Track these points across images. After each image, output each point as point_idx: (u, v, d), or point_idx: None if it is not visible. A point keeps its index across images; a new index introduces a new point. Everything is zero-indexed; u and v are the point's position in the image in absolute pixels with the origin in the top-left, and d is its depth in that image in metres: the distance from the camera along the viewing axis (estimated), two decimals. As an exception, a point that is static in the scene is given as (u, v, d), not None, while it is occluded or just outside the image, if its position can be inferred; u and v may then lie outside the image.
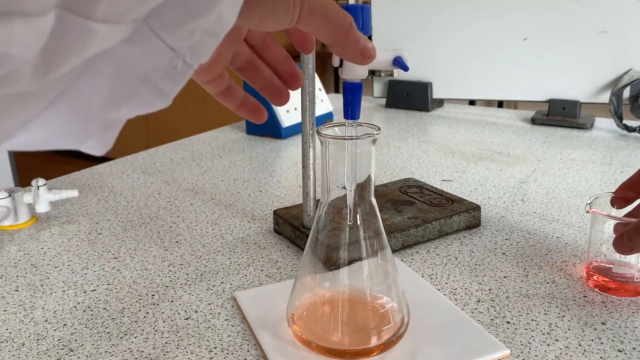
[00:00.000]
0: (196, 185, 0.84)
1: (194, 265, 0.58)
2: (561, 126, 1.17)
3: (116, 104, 0.23)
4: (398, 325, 0.43)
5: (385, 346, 0.42)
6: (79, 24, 0.18)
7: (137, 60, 0.22)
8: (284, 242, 0.64)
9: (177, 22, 0.22)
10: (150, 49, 0.22)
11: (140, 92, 0.23)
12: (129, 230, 0.68)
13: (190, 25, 0.22)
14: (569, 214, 0.71)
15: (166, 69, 0.23)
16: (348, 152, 0.39)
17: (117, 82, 0.23)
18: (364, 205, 0.42)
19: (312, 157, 0.60)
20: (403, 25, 1.27)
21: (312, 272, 0.44)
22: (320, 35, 0.30)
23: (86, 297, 0.53)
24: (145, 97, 0.24)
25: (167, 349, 0.44)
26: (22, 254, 0.62)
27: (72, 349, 0.45)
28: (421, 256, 0.60)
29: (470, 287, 0.53)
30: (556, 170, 0.89)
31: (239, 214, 0.72)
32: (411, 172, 0.86)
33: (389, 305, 0.43)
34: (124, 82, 0.23)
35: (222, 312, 0.50)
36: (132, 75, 0.23)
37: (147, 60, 0.22)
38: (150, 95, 0.24)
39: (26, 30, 0.17)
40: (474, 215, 0.66)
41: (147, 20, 0.21)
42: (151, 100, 0.24)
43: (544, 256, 0.59)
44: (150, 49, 0.22)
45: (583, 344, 0.44)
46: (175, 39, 0.22)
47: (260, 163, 0.96)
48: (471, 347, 0.43)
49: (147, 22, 0.21)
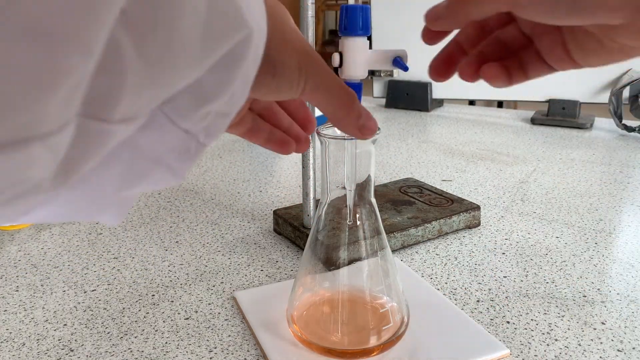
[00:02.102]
0: (196, 185, 0.84)
1: (194, 265, 0.58)
2: (561, 126, 1.17)
3: (130, 184, 0.24)
4: (398, 325, 0.43)
5: (385, 346, 0.42)
6: (98, 128, 0.18)
7: (152, 144, 0.23)
8: (284, 242, 0.64)
9: (191, 108, 0.22)
10: (165, 133, 0.22)
11: (154, 172, 0.24)
12: (129, 230, 0.68)
13: (203, 110, 0.22)
14: (569, 214, 0.71)
15: (179, 151, 0.24)
16: (348, 152, 0.40)
17: (132, 165, 0.23)
18: (364, 205, 0.42)
19: (312, 157, 0.60)
20: (403, 25, 1.27)
21: (312, 272, 0.44)
22: (321, 108, 0.30)
23: (86, 297, 0.53)
24: (159, 177, 0.24)
25: (167, 349, 0.44)
26: (23, 254, 0.62)
27: (72, 349, 0.45)
28: (421, 256, 0.60)
29: (470, 287, 0.53)
30: (556, 170, 0.89)
31: (239, 214, 0.72)
32: (411, 172, 0.86)
33: (388, 305, 0.43)
34: (138, 165, 0.23)
35: (222, 312, 0.50)
36: (146, 158, 0.23)
37: (161, 144, 0.23)
38: (164, 175, 0.24)
39: (44, 152, 0.17)
40: (474, 215, 0.66)
41: (162, 107, 0.22)
42: (164, 179, 0.25)
43: (544, 256, 0.60)
44: (164, 133, 0.22)
45: (583, 344, 0.44)
46: (189, 123, 0.23)
47: (260, 163, 0.96)
48: (471, 347, 0.43)
49: (162, 109, 0.22)
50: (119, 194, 0.24)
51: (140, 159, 0.23)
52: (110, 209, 0.25)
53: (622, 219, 0.70)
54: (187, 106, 0.22)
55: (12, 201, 0.18)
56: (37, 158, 0.17)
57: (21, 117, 0.15)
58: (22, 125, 0.15)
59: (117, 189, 0.24)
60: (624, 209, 0.73)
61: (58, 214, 0.23)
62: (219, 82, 0.22)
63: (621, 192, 0.79)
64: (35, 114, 0.15)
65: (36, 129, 0.16)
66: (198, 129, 0.23)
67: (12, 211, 0.20)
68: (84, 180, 0.22)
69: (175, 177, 0.25)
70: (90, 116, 0.18)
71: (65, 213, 0.23)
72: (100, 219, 0.26)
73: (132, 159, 0.23)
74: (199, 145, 0.24)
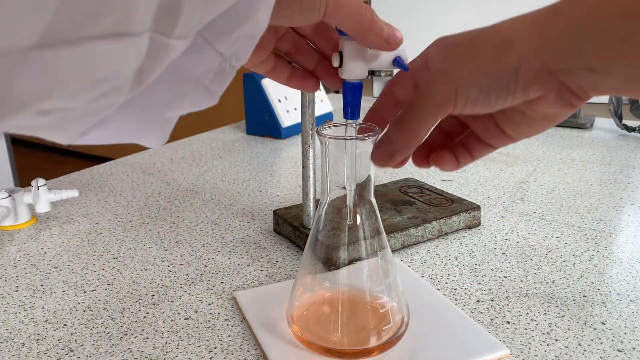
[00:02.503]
0: (196, 185, 0.84)
1: (193, 266, 0.58)
2: (561, 126, 1.17)
3: (173, 105, 0.27)
4: (398, 325, 0.43)
5: (385, 346, 0.42)
6: (164, 43, 0.22)
7: (192, 66, 0.25)
8: (284, 242, 0.64)
9: (227, 31, 0.25)
10: (204, 56, 0.25)
11: (194, 93, 0.27)
12: (129, 231, 0.68)
13: (235, 33, 0.25)
14: (569, 214, 0.71)
15: (215, 72, 0.26)
16: (348, 152, 0.39)
17: (175, 85, 0.26)
18: (364, 205, 0.42)
19: (312, 157, 0.60)
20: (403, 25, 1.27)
21: (312, 272, 0.44)
22: (345, 27, 0.32)
23: (86, 297, 0.53)
24: (198, 97, 0.27)
25: (167, 349, 0.44)
26: (22, 254, 0.62)
27: (72, 349, 0.45)
28: (421, 256, 0.60)
29: (470, 287, 0.53)
30: (556, 170, 0.89)
31: (238, 214, 0.72)
32: (411, 172, 0.86)
33: (388, 306, 0.43)
34: (180, 85, 0.26)
35: (222, 312, 0.50)
36: (188, 78, 0.26)
37: (200, 65, 0.26)
38: (202, 96, 0.27)
39: (133, 50, 0.20)
40: (474, 215, 0.66)
41: (201, 31, 0.24)
42: (202, 100, 0.28)
43: (544, 256, 0.60)
44: (203, 56, 0.25)
45: (583, 344, 0.44)
46: (224, 46, 0.25)
47: (260, 163, 0.96)
48: (471, 347, 0.43)
49: (201, 33, 0.24)
50: (163, 114, 0.27)
51: (182, 80, 0.26)
52: (154, 131, 0.28)
53: (622, 219, 0.70)
54: (223, 29, 0.25)
55: (97, 100, 0.21)
56: (128, 53, 0.20)
57: (119, 13, 0.19)
58: (120, 21, 0.19)
59: (162, 109, 0.27)
60: (624, 209, 0.73)
61: (108, 135, 0.26)
62: (249, 5, 0.24)
63: (621, 192, 0.79)
64: (128, 14, 0.19)
65: (129, 27, 0.19)
66: (230, 52, 0.26)
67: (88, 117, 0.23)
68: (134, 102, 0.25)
69: (211, 97, 0.28)
70: (158, 31, 0.21)
71: (114, 135, 0.26)
72: (144, 141, 0.29)
73: (176, 79, 0.25)
74: (231, 67, 0.27)
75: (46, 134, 0.23)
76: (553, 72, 0.27)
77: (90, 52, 0.19)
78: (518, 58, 0.27)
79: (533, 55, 0.27)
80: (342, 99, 0.38)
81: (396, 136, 0.33)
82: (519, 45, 0.28)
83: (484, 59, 0.29)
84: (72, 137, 0.25)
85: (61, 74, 0.19)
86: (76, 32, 0.18)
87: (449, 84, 0.30)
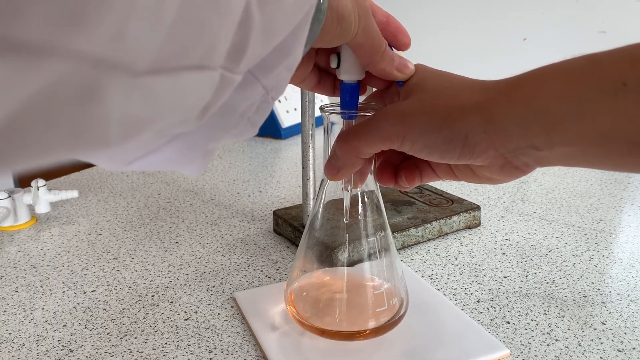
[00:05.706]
0: (196, 185, 0.84)
1: (193, 266, 0.58)
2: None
3: (218, 136, 0.28)
4: (396, 308, 0.43)
5: (381, 329, 0.42)
6: (230, 78, 0.22)
7: (239, 101, 0.26)
8: (284, 242, 0.64)
9: (272, 66, 0.26)
10: (251, 90, 0.26)
11: (238, 125, 0.28)
12: (128, 231, 0.68)
13: (279, 67, 0.26)
14: (569, 214, 0.71)
15: (258, 105, 0.27)
16: None
17: (223, 119, 0.27)
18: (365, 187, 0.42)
19: (312, 158, 0.60)
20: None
21: (310, 254, 0.44)
22: (361, 52, 0.33)
23: (86, 297, 0.53)
24: (241, 129, 0.28)
25: (166, 350, 0.44)
26: (22, 254, 0.62)
27: (72, 350, 0.45)
28: (421, 256, 0.60)
29: (470, 287, 0.53)
30: (556, 170, 0.89)
31: (238, 215, 0.72)
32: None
33: (384, 288, 0.43)
34: (228, 119, 0.27)
35: (222, 312, 0.50)
36: (234, 112, 0.27)
37: (246, 99, 0.26)
38: (245, 127, 0.28)
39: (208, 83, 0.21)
40: (474, 215, 0.65)
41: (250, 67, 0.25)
42: (245, 131, 0.28)
43: (544, 256, 0.59)
44: (250, 90, 0.26)
45: (583, 344, 0.44)
46: (268, 80, 0.26)
47: (260, 163, 0.96)
48: (471, 347, 0.43)
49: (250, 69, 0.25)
50: (207, 145, 0.28)
51: (230, 113, 0.26)
52: (197, 160, 0.29)
53: (622, 219, 0.70)
54: (270, 65, 0.25)
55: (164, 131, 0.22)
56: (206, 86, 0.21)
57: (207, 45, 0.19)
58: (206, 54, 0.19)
59: (207, 140, 0.27)
60: (624, 209, 0.73)
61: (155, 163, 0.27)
62: (294, 40, 0.25)
63: (621, 192, 0.79)
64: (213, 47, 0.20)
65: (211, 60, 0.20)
66: (272, 85, 0.27)
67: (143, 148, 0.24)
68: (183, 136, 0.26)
69: (253, 128, 0.29)
70: (226, 67, 0.22)
71: (157, 164, 0.27)
72: (186, 170, 0.29)
73: (224, 113, 0.26)
74: (271, 99, 0.28)
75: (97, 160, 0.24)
76: (499, 149, 0.29)
77: (181, 82, 0.19)
78: (467, 129, 0.29)
79: (481, 130, 0.29)
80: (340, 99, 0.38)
81: (341, 153, 0.35)
82: (469, 118, 0.29)
83: (439, 117, 0.30)
84: (120, 165, 0.25)
85: (160, 102, 0.19)
86: (174, 61, 0.18)
87: (401, 127, 0.31)
